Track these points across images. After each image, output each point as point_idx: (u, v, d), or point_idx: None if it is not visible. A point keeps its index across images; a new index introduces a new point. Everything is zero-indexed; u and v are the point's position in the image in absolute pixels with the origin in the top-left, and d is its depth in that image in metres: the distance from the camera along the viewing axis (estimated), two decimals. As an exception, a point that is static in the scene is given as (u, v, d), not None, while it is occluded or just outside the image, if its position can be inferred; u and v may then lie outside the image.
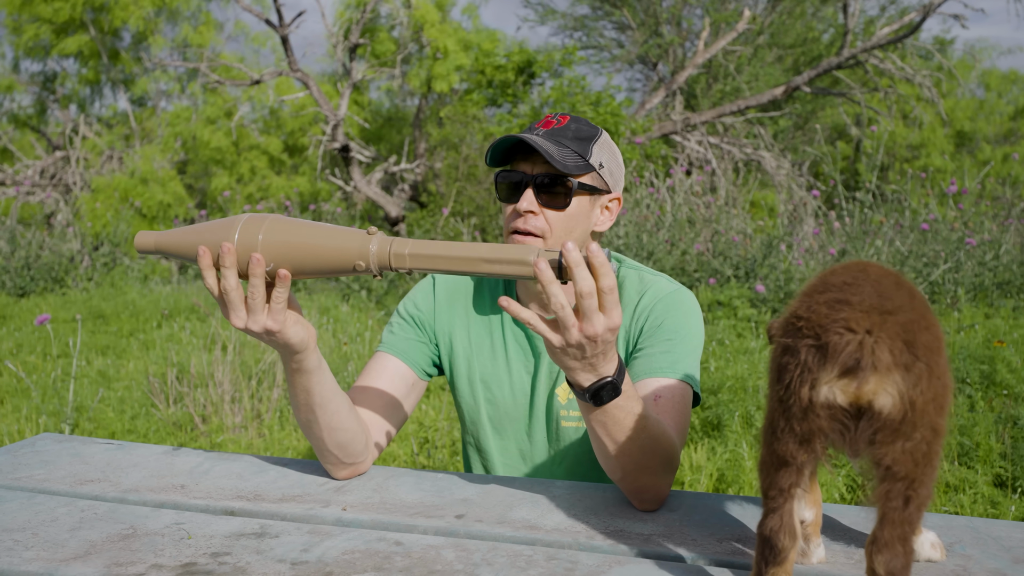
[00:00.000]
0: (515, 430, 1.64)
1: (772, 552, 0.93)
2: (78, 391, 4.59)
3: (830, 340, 0.85)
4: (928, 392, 0.85)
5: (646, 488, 1.28)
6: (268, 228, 1.19)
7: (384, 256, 1.16)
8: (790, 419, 0.89)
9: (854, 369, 0.84)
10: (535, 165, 1.48)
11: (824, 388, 0.86)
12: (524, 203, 1.47)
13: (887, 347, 0.84)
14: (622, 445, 1.23)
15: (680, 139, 10.30)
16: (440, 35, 11.33)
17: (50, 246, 9.44)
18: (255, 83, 9.65)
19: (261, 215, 1.21)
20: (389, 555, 1.14)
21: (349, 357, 5.10)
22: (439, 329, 1.65)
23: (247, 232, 1.19)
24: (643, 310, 1.54)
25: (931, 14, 9.05)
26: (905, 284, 0.93)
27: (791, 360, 0.88)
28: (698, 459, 3.38)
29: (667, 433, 1.29)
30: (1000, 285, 6.61)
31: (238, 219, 1.21)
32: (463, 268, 1.14)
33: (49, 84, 14.87)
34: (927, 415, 0.86)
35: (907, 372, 0.84)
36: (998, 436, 3.39)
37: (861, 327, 0.85)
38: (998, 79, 19.44)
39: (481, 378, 1.63)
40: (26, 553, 1.15)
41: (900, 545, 0.87)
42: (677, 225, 7.48)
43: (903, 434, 0.85)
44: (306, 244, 1.18)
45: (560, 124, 1.50)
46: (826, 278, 0.93)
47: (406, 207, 11.16)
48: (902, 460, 0.86)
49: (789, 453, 0.90)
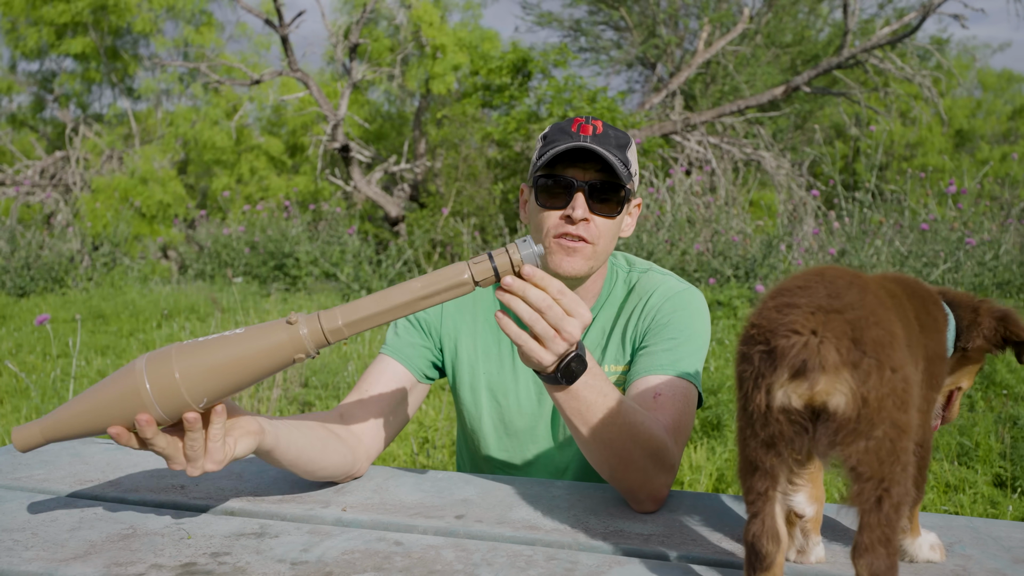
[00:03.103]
0: (520, 438, 1.61)
1: (758, 558, 0.92)
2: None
3: (778, 344, 0.85)
4: (882, 388, 0.84)
5: (638, 486, 1.27)
6: (178, 359, 1.06)
7: (318, 335, 1.09)
8: (753, 425, 0.89)
9: (803, 371, 0.84)
10: (586, 172, 1.46)
11: (779, 393, 0.85)
12: (579, 210, 1.44)
13: (833, 346, 0.84)
14: (596, 429, 1.22)
15: (680, 139, 10.31)
16: (439, 35, 11.34)
17: (50, 246, 9.44)
18: (255, 83, 9.65)
19: (159, 351, 1.08)
20: (389, 555, 1.14)
21: (349, 357, 5.10)
22: (445, 334, 1.63)
23: (157, 376, 1.05)
24: (651, 309, 1.53)
25: (931, 14, 9.05)
26: (859, 282, 0.92)
27: (747, 367, 0.88)
28: (698, 459, 3.38)
29: (648, 424, 1.28)
30: (1000, 285, 6.61)
31: (135, 367, 1.07)
32: (405, 312, 1.11)
33: (47, 83, 14.87)
34: (885, 411, 0.84)
35: (855, 369, 0.84)
36: (998, 436, 3.39)
37: (806, 328, 0.85)
38: (994, 78, 19.46)
39: (487, 385, 1.61)
40: (26, 553, 1.14)
41: (882, 547, 0.86)
42: (677, 225, 7.48)
43: (862, 433, 0.84)
44: (230, 359, 1.07)
45: (599, 130, 1.48)
46: (782, 284, 0.94)
47: (406, 207, 11.16)
48: (866, 460, 0.85)
49: (757, 458, 0.91)
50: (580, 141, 1.45)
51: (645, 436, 1.25)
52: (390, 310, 1.11)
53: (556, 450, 1.61)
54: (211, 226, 11.08)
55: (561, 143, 1.45)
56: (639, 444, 1.25)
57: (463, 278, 1.10)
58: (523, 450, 1.62)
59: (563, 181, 1.46)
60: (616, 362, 1.55)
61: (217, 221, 11.54)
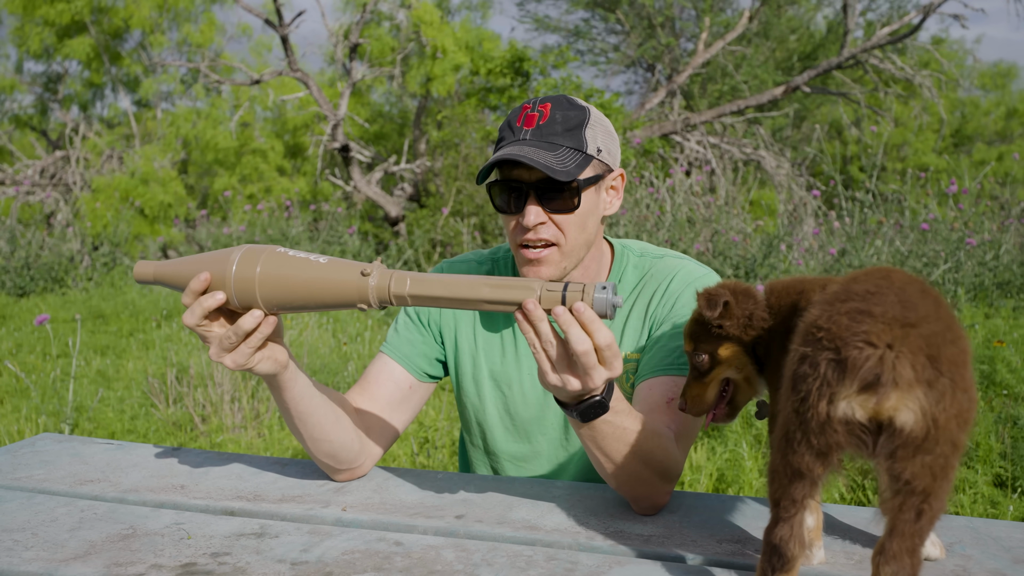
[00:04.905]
0: (527, 429, 1.59)
1: (781, 560, 0.92)
2: (78, 391, 4.59)
3: (850, 355, 0.82)
4: (952, 408, 0.82)
5: (643, 496, 1.28)
6: (266, 261, 1.15)
7: (383, 293, 1.12)
8: (807, 432, 0.86)
9: (874, 385, 0.81)
10: (532, 171, 1.36)
11: (843, 403, 0.83)
12: (531, 216, 1.36)
13: (909, 362, 0.81)
14: (613, 458, 1.21)
15: (680, 139, 10.30)
16: (439, 35, 11.33)
17: (50, 246, 9.44)
18: (255, 83, 9.64)
19: (260, 247, 1.17)
20: (389, 555, 1.14)
21: (349, 357, 5.10)
22: (444, 326, 1.59)
23: (244, 266, 1.16)
24: (672, 294, 1.47)
25: (931, 14, 9.05)
26: (931, 293, 0.90)
27: (809, 372, 0.85)
28: (698, 459, 3.38)
29: (664, 446, 1.25)
30: (1000, 285, 6.61)
31: (236, 250, 1.18)
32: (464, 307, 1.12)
33: (52, 85, 14.88)
34: (949, 431, 0.83)
35: (930, 388, 0.82)
36: (998, 436, 3.39)
37: (882, 341, 0.82)
38: (990, 77, 19.42)
39: (490, 375, 1.58)
40: (26, 553, 1.14)
41: (908, 557, 0.85)
42: (677, 225, 7.48)
43: (924, 450, 0.83)
44: (303, 282, 1.14)
45: (544, 118, 1.38)
46: (849, 286, 0.90)
47: (406, 207, 11.15)
48: (921, 475, 0.84)
49: (805, 465, 0.88)
50: (519, 138, 1.38)
51: (658, 458, 1.24)
52: (454, 299, 1.12)
53: (564, 439, 1.57)
54: (211, 226, 11.08)
55: (505, 142, 1.40)
56: (650, 466, 1.24)
57: (532, 287, 1.09)
58: (531, 440, 1.58)
59: (509, 186, 1.39)
60: (634, 349, 1.51)
61: (217, 221, 11.54)
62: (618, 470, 1.22)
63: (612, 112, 9.53)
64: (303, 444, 1.39)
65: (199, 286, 1.17)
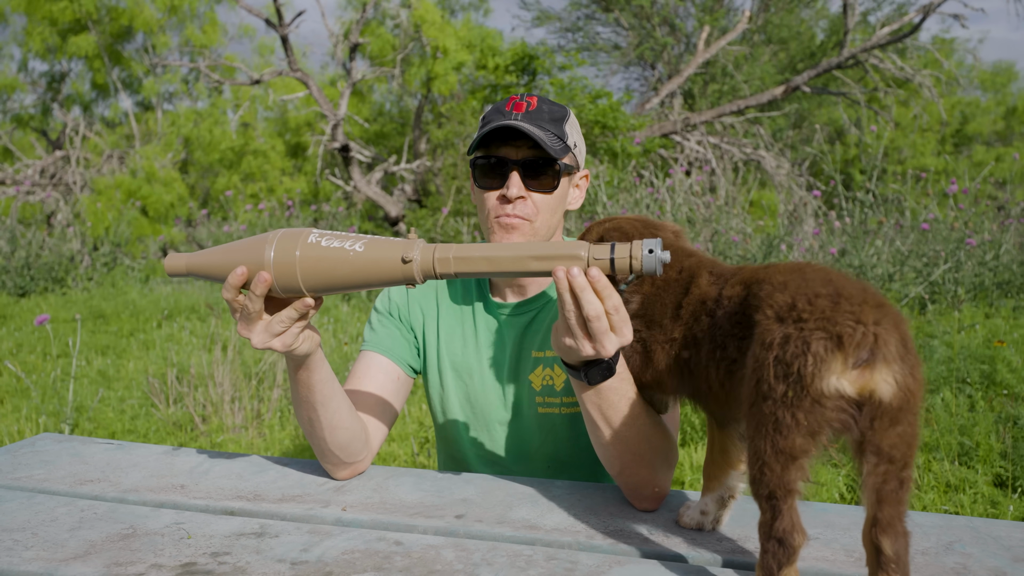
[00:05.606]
0: (489, 418, 1.61)
1: (786, 552, 0.93)
2: (78, 391, 4.59)
3: (844, 332, 0.87)
4: (918, 379, 0.89)
5: (645, 483, 1.27)
6: (304, 246, 1.15)
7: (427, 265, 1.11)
8: (795, 413, 0.89)
9: (867, 360, 0.87)
10: (519, 149, 1.47)
11: (832, 379, 0.87)
12: (514, 189, 1.46)
13: (893, 338, 0.88)
14: (617, 430, 1.22)
15: (680, 139, 10.30)
16: (440, 34, 11.33)
17: (50, 246, 9.44)
18: (255, 83, 9.65)
19: (296, 230, 1.17)
20: (389, 555, 1.14)
21: (349, 357, 5.10)
22: (414, 320, 1.64)
23: (282, 250, 1.15)
24: None
25: (931, 13, 9.05)
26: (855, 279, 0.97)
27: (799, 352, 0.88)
28: (698, 459, 3.38)
29: (663, 424, 1.29)
30: (1000, 285, 6.61)
31: (272, 235, 1.17)
32: (512, 268, 1.11)
33: (55, 84, 14.89)
34: (917, 401, 0.90)
35: (902, 362, 0.88)
36: (998, 436, 3.39)
37: (869, 319, 0.88)
38: (988, 77, 19.44)
39: (452, 365, 1.62)
40: (26, 553, 1.14)
41: (900, 523, 0.89)
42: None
43: (899, 420, 0.89)
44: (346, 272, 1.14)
45: (532, 107, 1.49)
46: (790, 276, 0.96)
47: (406, 207, 11.16)
48: (899, 444, 0.89)
49: (798, 447, 0.90)
50: (511, 119, 1.47)
51: (659, 437, 1.27)
52: (499, 259, 1.10)
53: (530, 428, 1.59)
54: (212, 225, 11.08)
55: (494, 123, 1.46)
56: (652, 445, 1.26)
57: (579, 254, 1.08)
58: (490, 429, 1.62)
59: (496, 161, 1.48)
60: None
61: (218, 220, 11.55)
62: (621, 445, 1.24)
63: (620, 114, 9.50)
64: (317, 434, 1.38)
65: (237, 281, 1.16)
